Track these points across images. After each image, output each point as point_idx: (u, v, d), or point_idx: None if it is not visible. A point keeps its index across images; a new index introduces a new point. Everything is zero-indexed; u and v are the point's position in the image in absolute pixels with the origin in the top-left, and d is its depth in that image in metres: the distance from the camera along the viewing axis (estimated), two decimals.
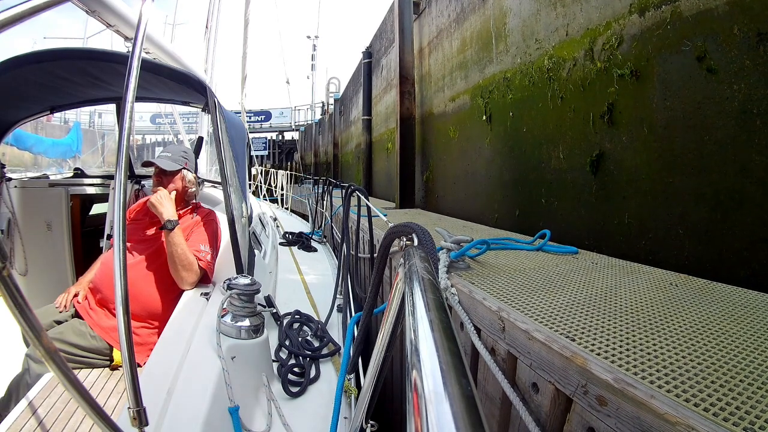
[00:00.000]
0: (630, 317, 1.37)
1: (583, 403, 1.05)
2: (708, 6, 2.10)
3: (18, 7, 0.77)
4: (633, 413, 0.93)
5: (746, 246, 1.99)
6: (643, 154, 2.51)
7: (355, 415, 1.17)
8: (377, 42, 9.85)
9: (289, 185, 11.49)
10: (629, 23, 2.56)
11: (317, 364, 2.06)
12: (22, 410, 1.62)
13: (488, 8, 4.39)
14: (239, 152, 2.75)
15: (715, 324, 1.33)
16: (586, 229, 2.93)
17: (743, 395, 0.93)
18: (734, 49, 2.01)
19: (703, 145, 2.18)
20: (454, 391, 0.35)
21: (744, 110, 1.99)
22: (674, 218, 2.32)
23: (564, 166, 3.20)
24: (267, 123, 32.21)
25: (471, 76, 4.86)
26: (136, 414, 0.96)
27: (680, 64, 2.26)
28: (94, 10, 2.04)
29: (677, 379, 0.99)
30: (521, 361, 1.30)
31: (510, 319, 1.36)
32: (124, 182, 1.04)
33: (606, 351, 1.12)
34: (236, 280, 1.78)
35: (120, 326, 0.97)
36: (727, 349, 1.15)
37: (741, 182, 2.02)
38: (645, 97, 2.48)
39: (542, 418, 1.19)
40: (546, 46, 3.40)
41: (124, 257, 1.00)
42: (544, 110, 3.42)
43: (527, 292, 1.64)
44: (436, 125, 5.98)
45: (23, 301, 0.77)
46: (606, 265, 2.15)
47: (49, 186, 3.32)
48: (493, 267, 2.07)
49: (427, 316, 0.51)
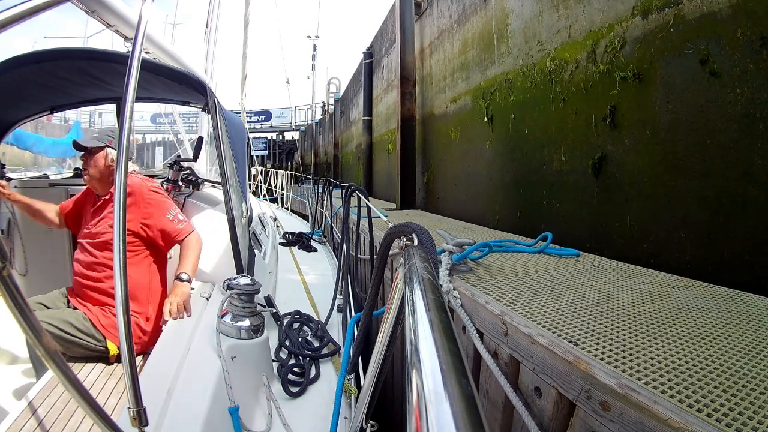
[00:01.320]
0: (632, 321, 1.37)
1: (587, 408, 1.05)
2: (711, 9, 2.10)
3: (18, 7, 0.77)
4: (636, 418, 0.93)
5: (748, 249, 1.98)
6: (646, 157, 2.51)
7: (355, 415, 1.18)
8: (378, 42, 9.85)
9: (289, 185, 11.49)
10: (632, 26, 2.55)
11: (317, 364, 2.06)
12: (22, 410, 1.61)
13: (490, 9, 4.39)
14: (239, 152, 2.75)
15: (718, 328, 1.33)
16: (588, 232, 2.93)
17: (746, 400, 0.93)
18: (737, 52, 2.01)
19: (705, 148, 2.18)
20: (454, 391, 0.35)
21: (747, 114, 1.99)
22: (676, 221, 2.32)
23: (566, 168, 3.20)
24: (267, 123, 32.19)
25: (472, 78, 4.86)
26: (136, 414, 0.96)
27: (683, 67, 2.26)
28: (94, 10, 2.03)
29: (680, 384, 0.99)
30: (524, 365, 1.30)
31: (513, 323, 1.36)
32: (124, 182, 1.04)
33: (609, 356, 1.12)
34: (236, 280, 1.78)
35: (120, 326, 0.97)
36: (730, 353, 1.15)
37: (744, 186, 2.02)
38: (647, 100, 2.47)
39: (545, 423, 1.19)
40: (548, 47, 3.40)
41: (124, 257, 0.99)
42: (546, 112, 3.42)
43: (530, 296, 1.64)
44: (437, 126, 5.98)
45: (23, 301, 0.77)
46: (608, 268, 2.15)
47: (49, 186, 3.32)
48: (495, 270, 2.07)
49: (427, 316, 0.51)
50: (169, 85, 2.40)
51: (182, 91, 2.65)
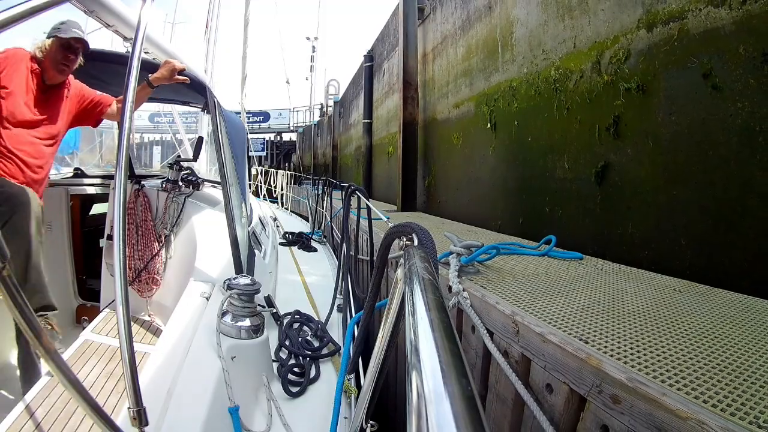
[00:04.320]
0: (638, 321, 1.44)
1: (597, 402, 1.11)
2: (715, 25, 2.18)
3: (18, 7, 0.79)
4: (646, 410, 0.99)
5: (748, 258, 2.05)
6: (648, 167, 2.58)
7: (355, 415, 1.18)
8: (379, 46, 9.91)
9: (289, 185, 11.49)
10: (637, 38, 2.63)
11: (317, 364, 2.05)
12: (22, 410, 1.62)
13: (495, 17, 4.46)
14: (239, 152, 2.77)
15: (719, 328, 1.39)
16: (590, 238, 3.00)
17: (747, 392, 1.00)
18: (739, 68, 2.08)
19: (706, 159, 2.25)
20: (454, 391, 0.35)
21: (747, 127, 2.06)
22: (677, 230, 2.39)
23: (569, 175, 3.27)
24: (265, 124, 32.16)
25: (476, 84, 4.93)
26: (136, 414, 0.97)
27: (686, 80, 2.34)
28: (93, 11, 2.03)
29: (686, 378, 1.05)
30: (535, 363, 1.36)
31: (525, 323, 1.41)
32: (124, 182, 1.06)
33: (618, 352, 1.18)
34: (236, 280, 1.77)
35: (120, 326, 0.98)
36: (731, 351, 1.22)
37: (743, 197, 2.08)
38: (651, 112, 2.55)
39: (555, 418, 1.25)
40: (553, 57, 3.48)
41: (124, 257, 1.02)
42: (550, 120, 3.49)
43: (538, 297, 1.70)
44: (439, 131, 6.04)
45: (23, 301, 0.79)
46: (611, 270, 2.22)
47: (49, 186, 3.33)
48: (502, 272, 2.13)
49: (427, 316, 0.51)
50: (169, 84, 2.42)
51: (182, 91, 2.66)
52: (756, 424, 0.88)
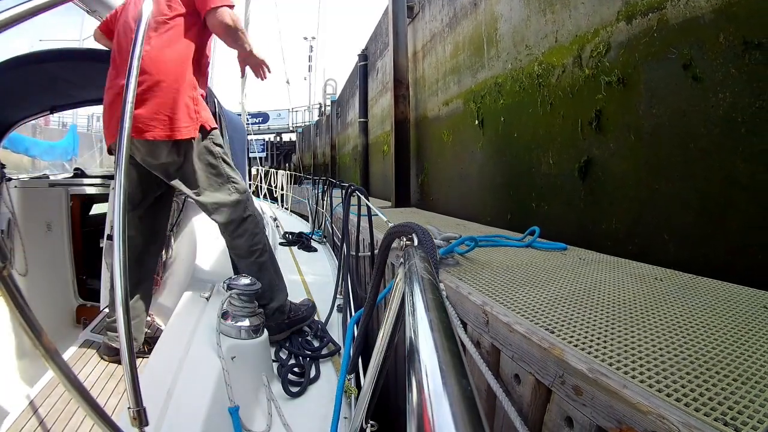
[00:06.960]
0: (611, 310, 1.40)
1: (561, 393, 1.08)
2: (694, 14, 2.15)
3: (18, 7, 0.78)
4: (606, 402, 0.95)
5: (731, 250, 2.03)
6: (630, 161, 2.56)
7: (355, 415, 1.16)
8: (372, 44, 9.91)
9: (289, 185, 11.45)
10: (617, 30, 2.61)
11: (317, 364, 2.04)
12: (22, 410, 1.62)
13: (480, 13, 4.45)
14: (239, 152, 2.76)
15: (697, 317, 1.35)
16: (576, 233, 2.97)
17: (717, 386, 0.94)
18: (720, 57, 2.05)
19: (688, 152, 2.23)
20: (454, 391, 0.35)
21: (729, 119, 2.03)
22: (660, 223, 2.37)
23: (553, 171, 3.25)
24: (265, 125, 32.18)
25: (463, 81, 4.92)
26: (136, 414, 0.96)
27: (666, 71, 2.31)
28: (95, 10, 2.05)
29: (651, 369, 1.01)
30: (504, 353, 1.33)
31: (493, 313, 1.39)
32: (125, 182, 1.06)
33: (584, 343, 1.15)
34: (236, 280, 1.78)
35: (120, 326, 0.97)
36: (707, 341, 1.17)
37: (726, 189, 2.06)
38: (632, 105, 2.53)
39: (524, 409, 1.22)
40: (536, 52, 3.46)
41: (124, 257, 1.00)
42: (534, 116, 3.47)
43: (513, 287, 1.67)
44: (430, 129, 6.03)
45: (23, 301, 0.78)
46: (593, 260, 2.18)
47: (49, 186, 3.31)
48: (482, 263, 2.10)
49: (427, 316, 0.51)
50: None
51: None
52: (722, 420, 0.82)
